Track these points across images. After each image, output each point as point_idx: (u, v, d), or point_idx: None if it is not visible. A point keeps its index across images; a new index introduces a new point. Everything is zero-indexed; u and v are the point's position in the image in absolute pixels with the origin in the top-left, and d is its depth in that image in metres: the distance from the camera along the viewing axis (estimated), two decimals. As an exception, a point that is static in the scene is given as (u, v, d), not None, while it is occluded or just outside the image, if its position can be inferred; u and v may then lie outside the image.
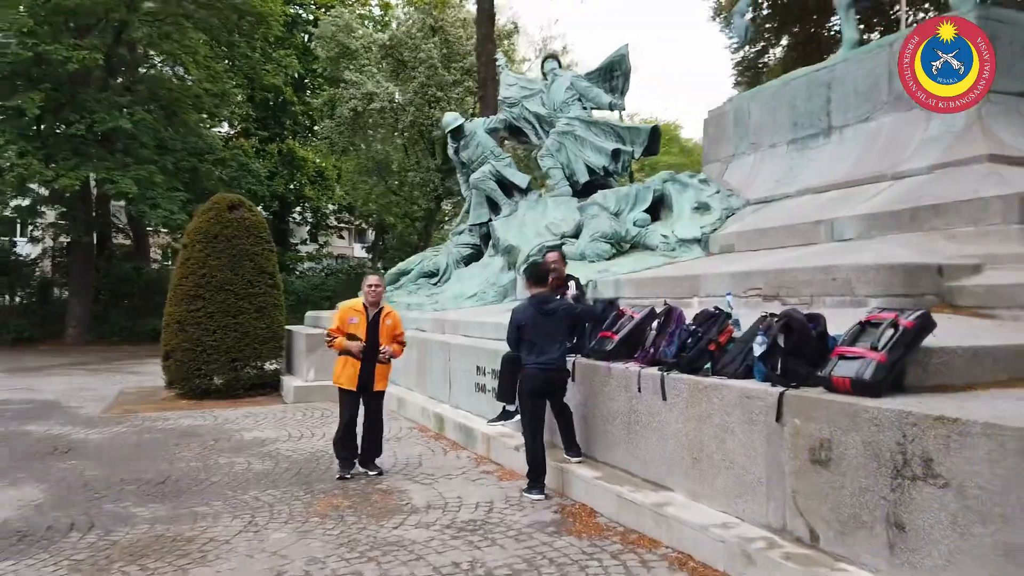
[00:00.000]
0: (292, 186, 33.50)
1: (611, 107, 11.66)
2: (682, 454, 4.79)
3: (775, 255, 7.02)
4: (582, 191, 11.81)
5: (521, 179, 12.58)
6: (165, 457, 7.32)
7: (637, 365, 5.39)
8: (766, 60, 22.51)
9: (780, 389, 3.97)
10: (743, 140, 10.33)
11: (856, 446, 3.52)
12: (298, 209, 37.33)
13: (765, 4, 21.59)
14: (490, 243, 12.44)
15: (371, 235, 43.33)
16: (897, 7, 16.92)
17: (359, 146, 29.04)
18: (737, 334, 4.87)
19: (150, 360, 17.22)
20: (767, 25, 21.79)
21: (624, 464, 5.44)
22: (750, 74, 22.83)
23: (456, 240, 13.62)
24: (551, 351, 5.69)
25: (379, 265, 34.43)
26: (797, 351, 4.08)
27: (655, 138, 11.59)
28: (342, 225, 42.35)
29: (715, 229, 9.01)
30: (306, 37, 32.89)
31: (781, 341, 4.13)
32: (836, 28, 22.21)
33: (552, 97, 12.04)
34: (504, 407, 6.83)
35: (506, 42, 27.62)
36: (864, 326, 3.86)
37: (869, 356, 3.64)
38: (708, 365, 4.76)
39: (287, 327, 13.33)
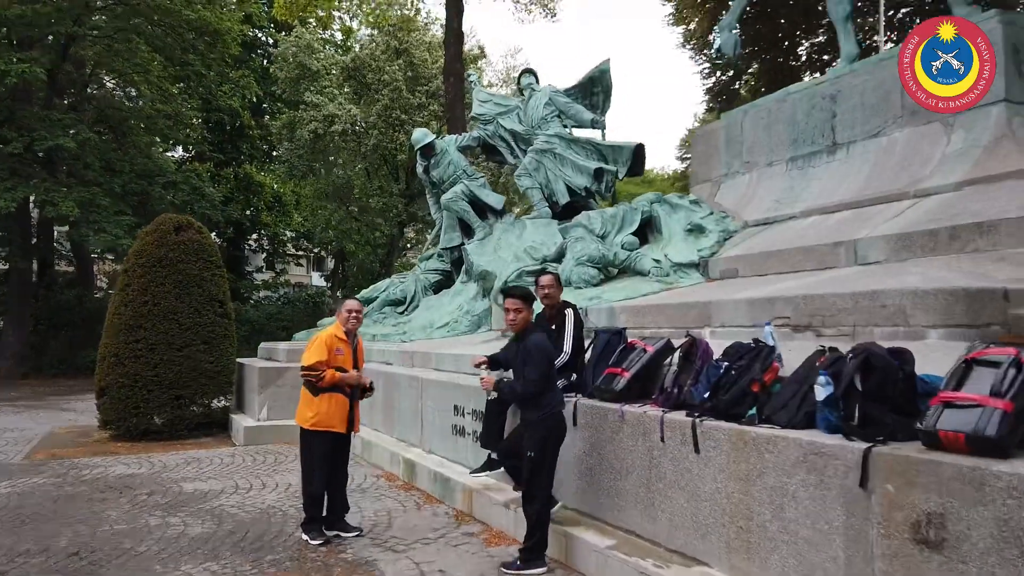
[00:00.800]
0: (248, 212, 32.24)
1: (593, 124, 10.92)
2: (722, 521, 3.90)
3: (793, 280, 6.24)
4: (562, 213, 11.01)
5: (496, 200, 11.74)
6: (85, 517, 6.18)
7: (656, 408, 4.52)
8: (737, 87, 22.18)
9: (864, 445, 3.12)
10: (736, 159, 9.64)
11: (985, 525, 2.67)
12: (254, 236, 36.00)
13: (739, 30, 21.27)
14: (462, 269, 11.54)
15: (330, 263, 42.08)
16: (877, 16, 16.60)
17: (319, 170, 28.00)
18: (783, 372, 4.03)
19: (88, 395, 15.82)
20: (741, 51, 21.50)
21: (642, 529, 4.52)
22: (722, 100, 22.47)
23: (424, 266, 12.70)
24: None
25: (339, 294, 33.21)
26: (880, 395, 3.24)
27: (639, 157, 10.86)
28: (300, 253, 41.05)
29: (714, 253, 8.23)
30: (264, 61, 31.91)
31: (858, 382, 3.28)
32: (804, 55, 22.06)
33: (529, 113, 11.27)
34: (489, 455, 5.89)
35: (472, 67, 26.98)
36: (970, 365, 3.04)
37: (990, 404, 2.82)
38: (752, 411, 3.89)
39: (238, 360, 12.19)
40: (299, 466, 5.78)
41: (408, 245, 32.80)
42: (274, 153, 31.07)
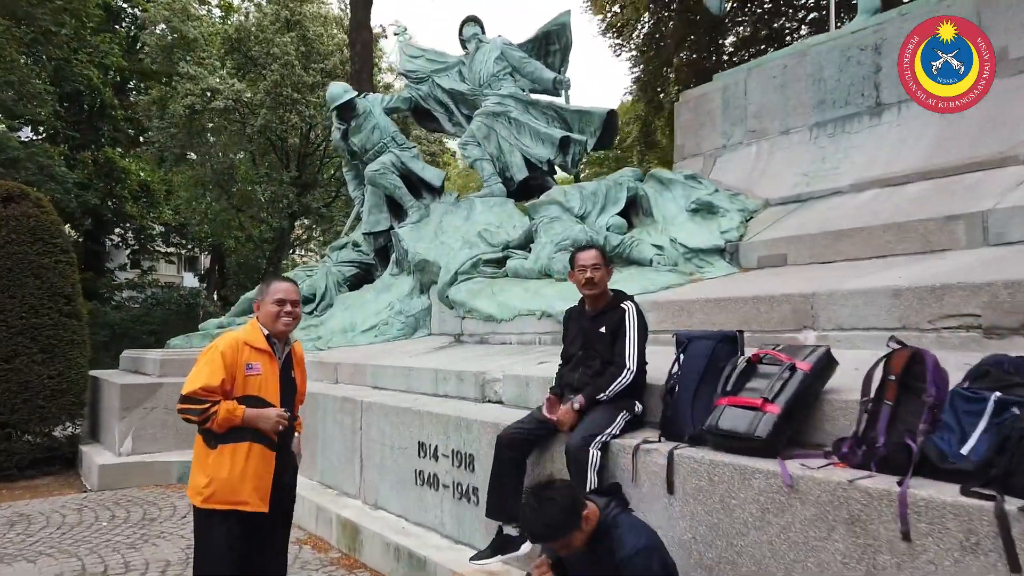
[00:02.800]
0: (110, 202, 28.21)
1: (555, 86, 8.99)
2: None
3: (909, 267, 4.51)
4: (518, 191, 9.01)
5: (434, 175, 9.59)
6: None
7: (846, 470, 2.61)
8: (666, 72, 20.90)
9: None
10: (737, 127, 7.97)
11: None
12: (119, 230, 31.75)
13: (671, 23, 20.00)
14: (391, 258, 9.31)
15: (206, 261, 38.10)
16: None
17: (196, 154, 24.66)
18: None
19: None
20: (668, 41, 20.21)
21: None
22: (647, 91, 21.15)
23: (337, 257, 10.35)
24: None
25: (215, 296, 29.75)
26: None
27: (611, 126, 9.02)
28: (170, 249, 36.86)
29: (741, 236, 6.47)
30: (131, 31, 28.05)
31: None
32: (731, 49, 21.05)
33: (476, 70, 9.19)
34: (500, 529, 3.80)
35: (396, 24, 24.41)
36: None
37: None
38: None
39: (92, 373, 9.42)
40: (181, 531, 3.54)
41: (298, 241, 29.73)
42: (142, 139, 27.33)
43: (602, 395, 3.59)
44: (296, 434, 3.68)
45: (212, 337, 9.22)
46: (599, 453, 3.39)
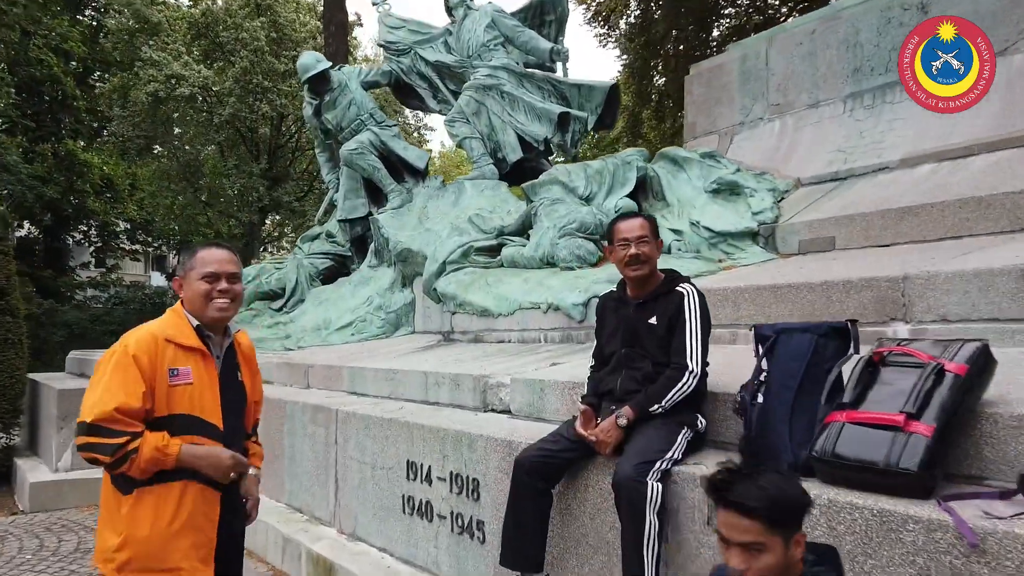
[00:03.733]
0: (72, 198, 26.83)
1: (553, 57, 8.10)
2: None
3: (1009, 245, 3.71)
4: (511, 173, 8.13)
5: (417, 156, 8.66)
6: None
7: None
8: (653, 64, 20.10)
9: None
10: (758, 101, 7.16)
11: None
12: (82, 227, 30.30)
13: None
14: (370, 249, 8.37)
15: (174, 260, 36.69)
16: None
17: (161, 145, 23.47)
18: None
19: None
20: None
21: None
22: (634, 83, 20.36)
23: (309, 248, 9.38)
24: None
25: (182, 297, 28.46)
26: None
27: (614, 102, 8.17)
28: (136, 247, 35.40)
29: (777, 218, 5.64)
30: (95, 21, 26.70)
31: None
32: (719, 40, 20.33)
33: (464, 39, 8.27)
34: (520, 581, 2.91)
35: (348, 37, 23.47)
36: None
37: None
38: None
39: (31, 376, 8.38)
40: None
41: (269, 237, 28.56)
42: (105, 132, 26.01)
43: (657, 406, 2.73)
44: (251, 469, 2.64)
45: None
46: (659, 486, 2.52)
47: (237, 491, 2.56)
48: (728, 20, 20.16)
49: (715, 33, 20.27)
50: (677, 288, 2.91)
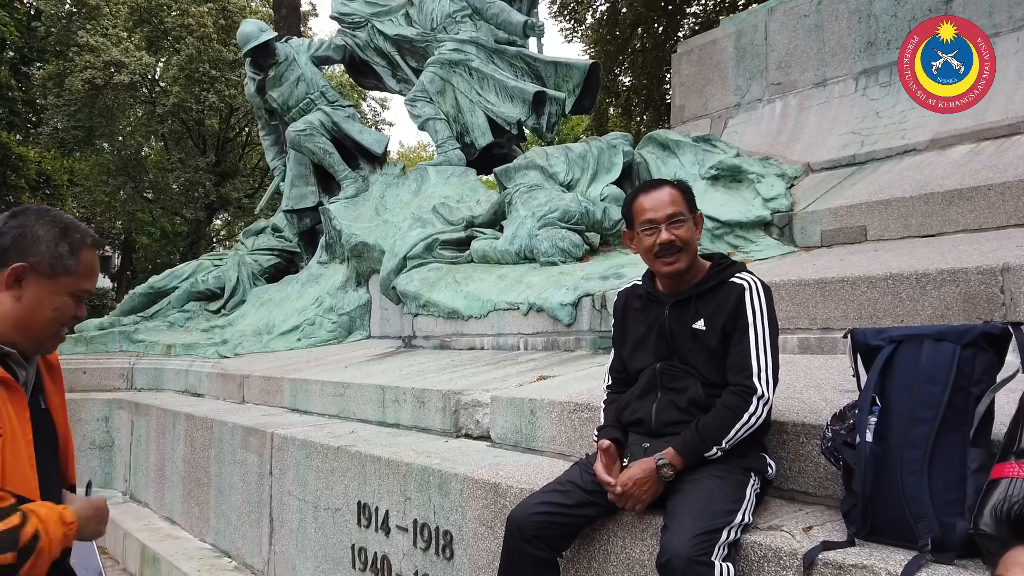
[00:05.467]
0: (7, 194, 25.16)
1: (527, 31, 7.28)
2: None
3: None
4: (478, 161, 7.30)
5: (374, 140, 7.77)
6: None
7: None
8: (620, 59, 19.46)
9: None
10: (756, 80, 6.46)
11: None
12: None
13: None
14: (320, 243, 7.46)
15: (117, 260, 34.99)
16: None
17: (101, 136, 22.07)
18: None
19: None
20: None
21: None
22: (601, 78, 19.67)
23: (253, 243, 8.40)
24: None
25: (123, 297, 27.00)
26: None
27: (593, 83, 7.39)
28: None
29: (791, 205, 4.91)
30: (31, 9, 25.12)
31: None
32: (688, 34, 19.78)
33: (428, 10, 7.40)
34: None
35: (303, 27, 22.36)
36: None
37: None
38: None
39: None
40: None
41: (216, 236, 27.20)
42: (39, 127, 24.49)
43: (716, 449, 1.92)
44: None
45: (87, 342, 7.21)
46: (730, 569, 1.71)
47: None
48: (696, 18, 19.64)
49: (680, 34, 19.75)
50: (733, 279, 2.10)
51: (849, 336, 1.93)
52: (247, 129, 22.84)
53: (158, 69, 20.32)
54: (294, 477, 3.70)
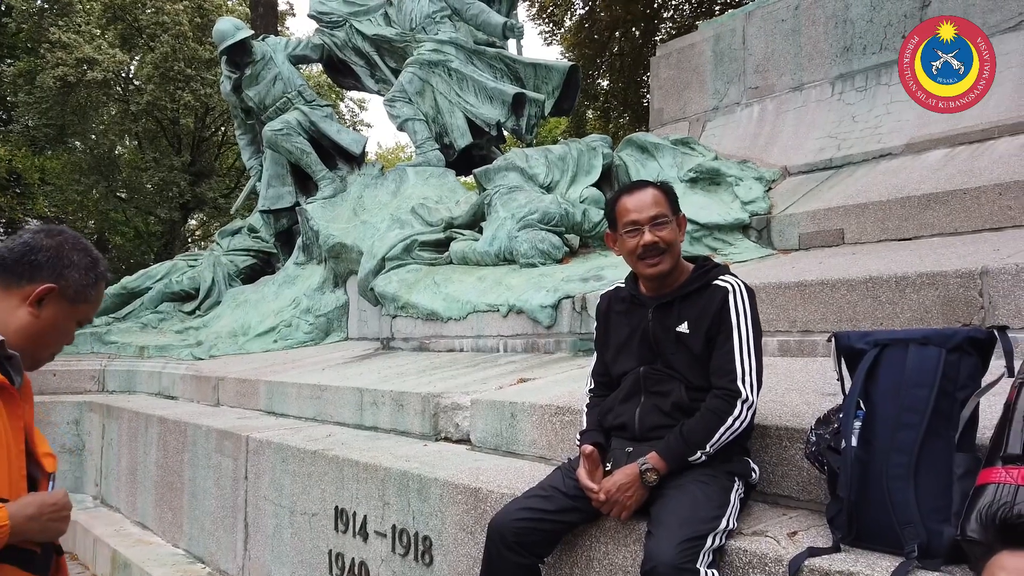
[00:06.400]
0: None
1: (506, 33, 7.26)
2: None
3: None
4: (457, 163, 7.27)
5: (352, 140, 7.71)
6: None
7: None
8: (599, 62, 19.52)
9: None
10: (733, 84, 6.49)
11: None
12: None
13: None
14: (297, 244, 7.38)
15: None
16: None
17: (73, 135, 21.71)
18: None
19: None
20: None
21: None
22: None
23: (229, 244, 8.32)
24: None
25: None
26: None
27: (572, 85, 7.39)
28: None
29: (770, 208, 4.94)
30: (1, 3, 24.70)
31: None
32: (666, 37, 19.89)
33: (407, 10, 7.36)
34: None
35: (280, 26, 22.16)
36: None
37: None
38: None
39: None
40: None
41: (192, 237, 26.87)
42: (10, 125, 24.03)
43: (700, 453, 1.91)
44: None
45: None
46: (714, 575, 1.70)
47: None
48: (673, 22, 19.76)
49: (658, 38, 19.84)
50: (716, 282, 2.09)
51: (833, 340, 1.92)
52: (223, 128, 22.58)
53: (132, 67, 20.01)
54: (270, 481, 3.64)
